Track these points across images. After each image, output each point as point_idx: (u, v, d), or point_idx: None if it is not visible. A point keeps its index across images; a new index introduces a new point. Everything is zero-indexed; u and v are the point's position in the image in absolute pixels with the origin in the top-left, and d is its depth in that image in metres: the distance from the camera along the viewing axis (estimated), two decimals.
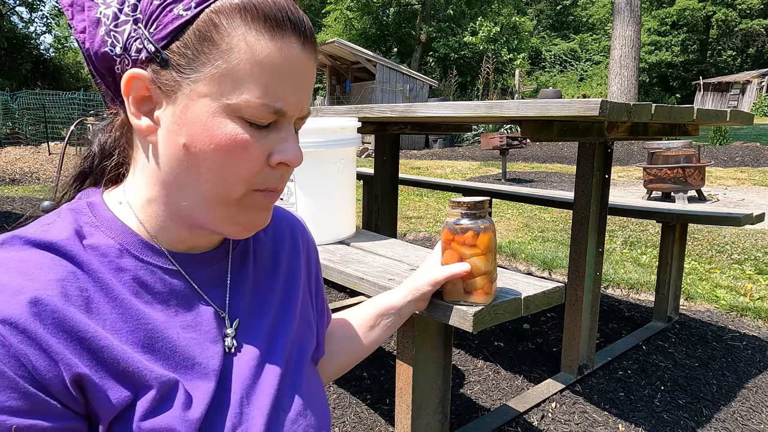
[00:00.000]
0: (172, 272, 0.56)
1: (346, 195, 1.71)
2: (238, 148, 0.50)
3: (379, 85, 13.79)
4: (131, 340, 0.50)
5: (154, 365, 0.50)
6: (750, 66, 31.27)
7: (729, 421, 1.82)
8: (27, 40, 24.29)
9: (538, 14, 36.65)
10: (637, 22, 13.52)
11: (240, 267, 0.63)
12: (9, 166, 9.22)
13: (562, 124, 1.55)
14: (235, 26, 0.48)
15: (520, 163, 10.55)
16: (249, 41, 0.48)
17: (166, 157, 0.52)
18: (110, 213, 0.55)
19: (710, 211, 2.46)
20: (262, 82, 0.49)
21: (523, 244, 4.18)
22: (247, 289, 0.63)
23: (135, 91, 0.50)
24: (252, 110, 0.49)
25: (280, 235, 0.71)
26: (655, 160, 6.33)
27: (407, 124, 2.26)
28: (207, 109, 0.49)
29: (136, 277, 0.53)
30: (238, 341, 0.59)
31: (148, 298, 0.53)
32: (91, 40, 0.51)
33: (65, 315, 0.46)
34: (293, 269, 0.70)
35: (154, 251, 0.55)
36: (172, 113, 0.50)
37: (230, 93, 0.48)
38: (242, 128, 0.50)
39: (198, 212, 0.54)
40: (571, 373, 2.05)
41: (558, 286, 1.15)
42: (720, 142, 11.50)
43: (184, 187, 0.52)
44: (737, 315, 2.79)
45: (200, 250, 0.60)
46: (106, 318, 0.49)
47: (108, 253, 0.52)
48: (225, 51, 0.48)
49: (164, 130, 0.51)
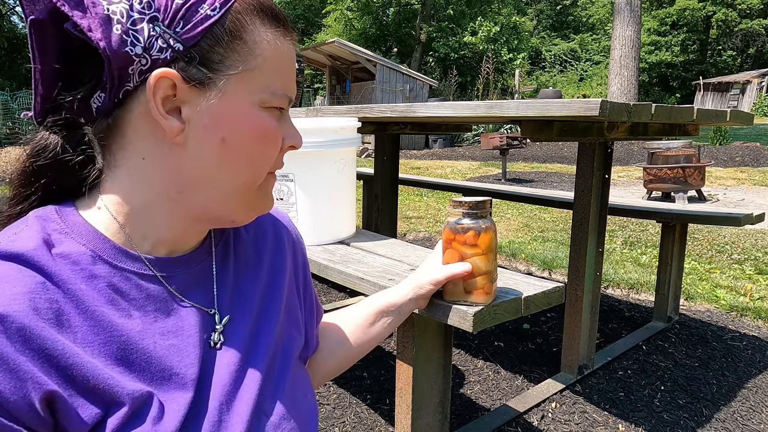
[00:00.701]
0: (149, 277, 0.54)
1: (346, 195, 1.71)
2: (270, 135, 0.55)
3: (379, 85, 13.79)
4: (104, 352, 0.48)
5: (126, 379, 0.49)
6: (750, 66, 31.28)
7: (729, 421, 1.82)
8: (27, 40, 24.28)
9: (538, 14, 36.67)
10: (637, 22, 13.52)
11: (221, 264, 0.63)
12: (9, 166, 9.22)
13: (562, 124, 1.55)
14: (256, 25, 0.53)
15: (520, 163, 10.55)
16: (268, 38, 0.53)
17: (197, 156, 0.52)
18: (80, 218, 0.53)
19: (710, 211, 2.46)
20: (280, 74, 0.55)
21: (523, 244, 4.18)
22: (227, 287, 0.62)
23: (163, 91, 0.50)
24: (277, 99, 0.55)
25: (262, 233, 0.70)
26: (655, 160, 6.33)
27: (407, 124, 2.26)
28: (244, 103, 0.53)
29: (111, 284, 0.51)
30: (223, 338, 0.59)
31: (125, 305, 0.52)
32: (107, 39, 0.47)
33: (33, 331, 0.44)
34: (277, 267, 0.69)
35: (128, 257, 0.53)
36: (207, 111, 0.51)
37: (262, 86, 0.53)
38: (270, 117, 0.55)
39: (216, 205, 0.55)
40: (571, 373, 2.05)
41: (558, 286, 1.15)
42: (720, 142, 11.51)
43: (209, 182, 0.53)
44: (737, 315, 2.79)
45: (179, 253, 0.58)
46: (77, 331, 0.47)
47: (80, 261, 0.50)
48: (252, 48, 0.52)
49: (197, 129, 0.51)
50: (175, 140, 0.51)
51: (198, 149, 0.52)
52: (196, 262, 0.60)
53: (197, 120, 0.51)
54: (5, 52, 21.57)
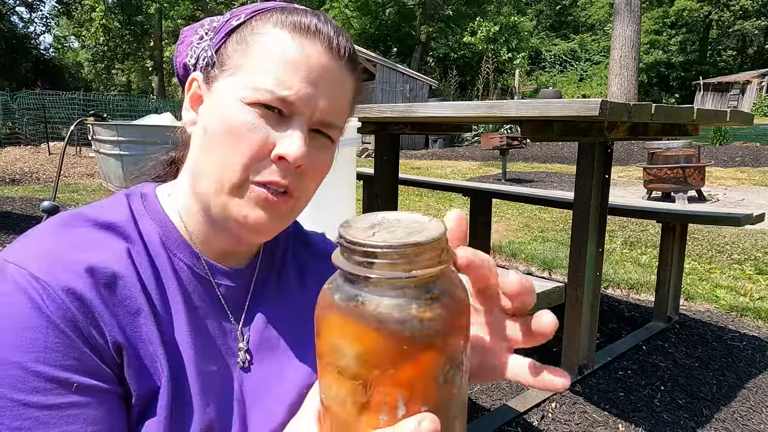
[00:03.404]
0: (200, 277, 0.57)
1: (346, 195, 1.71)
2: (243, 129, 0.53)
3: (379, 85, 13.80)
4: (154, 329, 0.52)
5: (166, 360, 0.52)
6: (750, 66, 31.28)
7: (729, 421, 1.82)
8: (27, 40, 24.31)
9: (537, 14, 36.67)
10: (637, 23, 13.53)
11: (260, 291, 0.63)
12: (9, 166, 9.22)
13: (562, 124, 1.55)
14: (267, 27, 0.54)
15: (520, 163, 10.55)
16: (273, 37, 0.54)
17: (195, 145, 0.57)
18: (158, 205, 0.59)
19: (710, 212, 2.46)
20: (273, 70, 0.53)
21: (523, 244, 4.18)
22: (260, 317, 0.61)
23: (192, 90, 0.59)
24: (260, 94, 0.52)
25: (314, 267, 0.68)
26: (655, 160, 6.33)
27: (407, 124, 2.26)
28: (225, 95, 0.54)
29: (172, 269, 0.56)
30: (250, 357, 0.59)
31: (174, 292, 0.55)
32: (181, 56, 0.62)
33: (115, 289, 0.50)
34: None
35: (188, 251, 0.58)
36: (205, 104, 0.57)
37: (245, 79, 0.53)
38: (254, 115, 0.53)
39: (209, 199, 0.55)
40: (571, 373, 2.05)
41: (558, 286, 1.15)
42: (720, 142, 11.51)
43: (201, 172, 0.56)
44: (737, 315, 2.79)
45: (228, 264, 0.60)
46: (147, 300, 0.52)
47: (151, 241, 0.56)
48: (251, 45, 0.54)
49: (199, 121, 0.58)
50: (189, 130, 0.59)
51: (194, 139, 0.58)
52: (240, 276, 0.61)
53: (200, 113, 0.58)
54: (5, 52, 21.57)
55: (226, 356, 0.57)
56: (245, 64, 0.54)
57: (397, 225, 0.33)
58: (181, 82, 0.63)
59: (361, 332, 0.30)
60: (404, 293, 0.31)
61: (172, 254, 0.56)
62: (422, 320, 0.30)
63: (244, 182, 0.53)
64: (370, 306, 0.30)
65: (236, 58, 0.55)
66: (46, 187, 7.60)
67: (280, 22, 0.54)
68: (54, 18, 26.93)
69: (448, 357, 0.32)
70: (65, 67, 27.36)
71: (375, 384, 0.31)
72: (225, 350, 0.57)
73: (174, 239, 0.57)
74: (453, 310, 0.32)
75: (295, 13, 0.55)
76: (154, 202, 0.59)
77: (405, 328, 0.30)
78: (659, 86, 32.35)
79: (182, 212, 0.59)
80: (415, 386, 0.31)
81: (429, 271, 0.30)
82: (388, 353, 0.30)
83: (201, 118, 0.57)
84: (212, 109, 0.55)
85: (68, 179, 8.20)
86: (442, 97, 16.49)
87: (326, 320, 0.33)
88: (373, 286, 0.31)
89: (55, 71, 25.54)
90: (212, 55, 0.57)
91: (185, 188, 0.59)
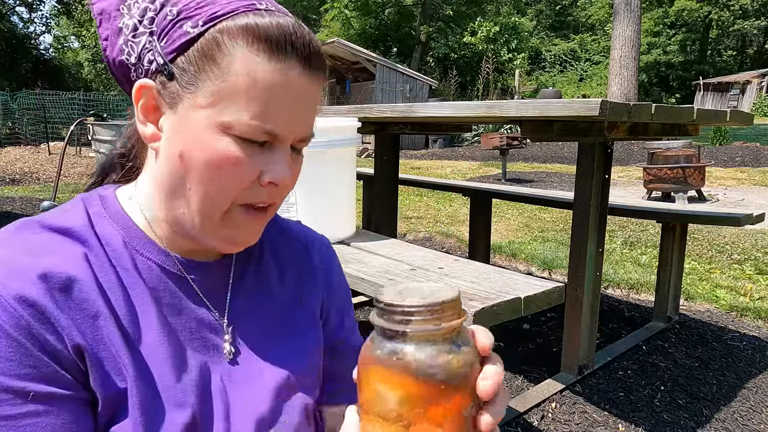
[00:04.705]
0: (171, 274, 0.56)
1: (346, 195, 1.71)
2: (228, 164, 0.51)
3: (379, 85, 13.80)
4: (117, 331, 0.51)
5: (130, 364, 0.51)
6: (750, 66, 31.28)
7: (729, 421, 1.82)
8: (27, 40, 24.30)
9: (537, 14, 36.67)
10: (637, 23, 13.53)
11: (240, 276, 0.62)
12: (9, 166, 9.22)
13: (562, 124, 1.55)
14: (237, 47, 0.49)
15: (520, 163, 10.55)
16: (248, 62, 0.49)
17: (166, 164, 0.54)
18: (119, 207, 0.57)
19: (710, 212, 2.46)
20: (256, 102, 0.50)
21: (523, 244, 4.18)
22: (241, 299, 0.61)
23: (144, 100, 0.53)
24: (243, 128, 0.50)
25: (293, 259, 0.68)
26: (655, 160, 6.33)
27: (407, 124, 2.26)
28: (201, 123, 0.51)
29: (136, 270, 0.55)
30: (234, 348, 0.58)
31: (140, 292, 0.54)
32: (112, 48, 0.55)
33: (71, 293, 0.49)
34: (307, 298, 0.66)
35: (156, 249, 0.56)
36: (171, 124, 0.53)
37: (224, 110, 0.50)
38: (235, 145, 0.51)
39: (190, 222, 0.54)
40: (571, 373, 2.05)
41: (558, 286, 1.15)
42: (720, 142, 11.51)
43: (180, 196, 0.54)
44: (737, 315, 2.79)
45: (201, 258, 0.59)
46: (106, 302, 0.51)
47: (111, 243, 0.54)
48: (224, 69, 0.49)
49: (165, 138, 0.54)
50: (152, 146, 0.55)
51: (165, 159, 0.54)
52: (215, 269, 0.60)
53: (166, 130, 0.53)
54: (5, 52, 21.57)
55: (208, 350, 0.56)
56: (222, 92, 0.49)
57: (419, 290, 0.40)
58: (118, 80, 0.57)
59: (403, 379, 0.37)
60: (435, 343, 0.38)
61: (137, 254, 0.55)
62: (451, 364, 0.37)
63: (230, 208, 0.54)
64: (409, 356, 0.37)
65: (204, 78, 0.50)
66: (46, 187, 7.60)
67: (251, 39, 0.49)
68: (54, 18, 26.92)
69: (471, 395, 0.39)
70: (65, 67, 27.33)
71: (416, 422, 0.37)
72: (206, 344, 0.57)
73: (139, 239, 0.56)
74: (472, 355, 0.39)
75: (261, 18, 0.50)
76: (115, 203, 0.58)
77: (439, 372, 0.37)
78: (659, 86, 32.34)
79: (146, 214, 0.57)
80: (447, 422, 0.38)
81: (453, 324, 0.38)
82: (426, 395, 0.37)
83: (169, 138, 0.53)
84: (186, 134, 0.51)
85: (68, 179, 8.20)
86: (442, 97, 16.49)
87: (370, 373, 0.39)
88: (409, 340, 0.38)
89: (55, 71, 25.54)
90: (165, 64, 0.51)
91: (150, 194, 0.57)
